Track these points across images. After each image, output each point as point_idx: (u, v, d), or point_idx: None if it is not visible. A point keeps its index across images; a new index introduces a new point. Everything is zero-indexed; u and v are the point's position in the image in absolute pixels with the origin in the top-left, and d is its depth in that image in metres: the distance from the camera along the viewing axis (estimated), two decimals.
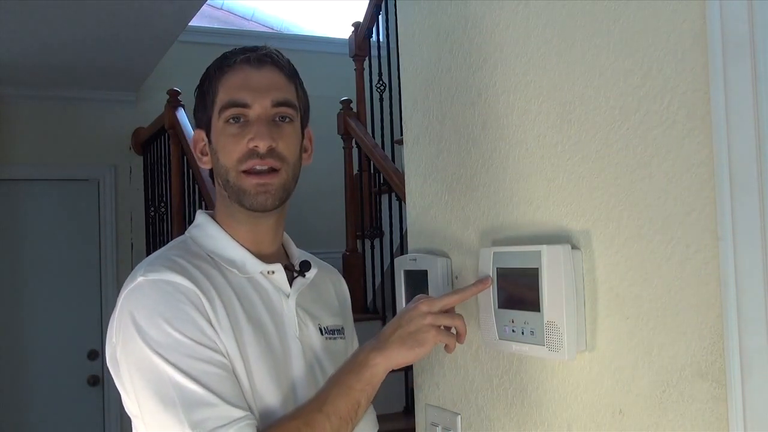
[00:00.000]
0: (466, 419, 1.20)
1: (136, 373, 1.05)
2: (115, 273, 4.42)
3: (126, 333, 1.06)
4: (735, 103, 0.73)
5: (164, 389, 1.01)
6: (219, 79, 1.16)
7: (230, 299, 1.11)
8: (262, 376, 1.09)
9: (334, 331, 1.25)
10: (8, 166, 4.24)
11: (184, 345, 1.03)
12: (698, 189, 0.80)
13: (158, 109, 4.00)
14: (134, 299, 1.07)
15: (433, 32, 1.28)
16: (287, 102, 1.16)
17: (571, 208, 0.98)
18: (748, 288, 0.73)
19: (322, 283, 1.30)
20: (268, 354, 1.11)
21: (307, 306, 1.22)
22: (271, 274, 1.18)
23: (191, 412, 1.00)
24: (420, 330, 1.04)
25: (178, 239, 1.22)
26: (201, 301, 1.07)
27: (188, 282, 1.07)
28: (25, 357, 4.24)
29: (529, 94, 1.05)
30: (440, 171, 1.26)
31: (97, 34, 3.39)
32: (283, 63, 1.19)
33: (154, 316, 1.04)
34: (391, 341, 1.04)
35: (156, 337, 1.03)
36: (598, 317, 0.94)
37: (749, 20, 0.72)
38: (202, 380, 1.02)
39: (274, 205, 1.15)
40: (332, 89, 3.95)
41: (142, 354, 1.03)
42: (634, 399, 0.89)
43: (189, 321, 1.05)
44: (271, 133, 1.13)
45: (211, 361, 1.04)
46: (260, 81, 1.15)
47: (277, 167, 1.14)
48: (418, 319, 1.04)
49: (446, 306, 1.06)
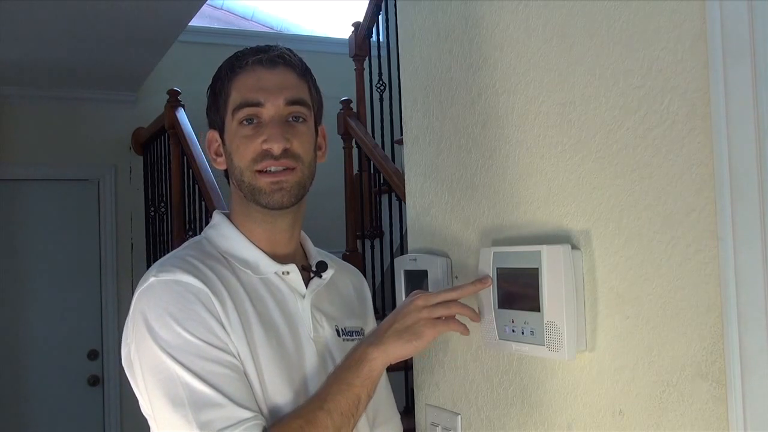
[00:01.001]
0: (466, 419, 1.20)
1: (147, 372, 1.06)
2: (115, 273, 4.42)
3: (138, 333, 1.07)
4: (735, 103, 0.73)
5: (174, 389, 1.02)
6: (231, 80, 1.16)
7: (242, 300, 1.11)
8: (273, 376, 1.09)
9: (352, 333, 1.24)
10: (8, 166, 4.24)
11: (194, 346, 1.04)
12: (698, 189, 0.80)
13: (158, 109, 4.00)
14: (146, 300, 1.08)
15: (433, 32, 1.28)
16: (300, 101, 1.16)
17: (571, 208, 0.98)
18: (748, 288, 0.73)
19: (341, 284, 1.30)
20: (280, 355, 1.11)
21: (323, 307, 1.21)
22: (285, 275, 1.18)
23: (199, 413, 1.00)
24: (417, 323, 1.04)
25: (194, 239, 1.23)
26: (212, 302, 1.07)
27: (200, 283, 1.08)
28: (26, 357, 4.23)
29: (529, 94, 1.05)
30: (440, 171, 1.26)
31: (97, 34, 3.39)
32: (296, 62, 1.19)
33: (164, 316, 1.05)
34: (388, 335, 1.05)
35: (166, 337, 1.04)
36: (598, 317, 0.94)
37: (749, 20, 0.72)
38: (211, 381, 1.02)
39: (290, 202, 1.15)
40: (332, 89, 3.91)
41: (153, 354, 1.04)
42: (634, 399, 0.89)
43: (199, 322, 1.05)
44: (284, 133, 1.13)
45: (220, 361, 1.04)
46: (273, 81, 1.14)
47: (293, 166, 1.14)
48: (414, 312, 1.05)
49: (443, 300, 1.06)
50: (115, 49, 3.64)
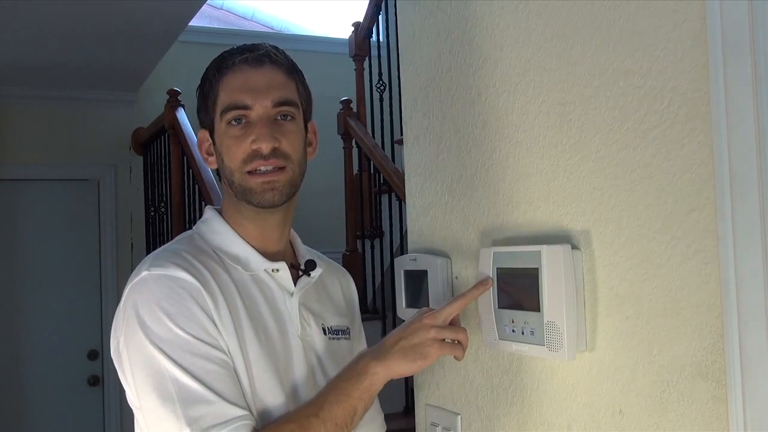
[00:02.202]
0: (466, 419, 1.20)
1: (136, 366, 1.06)
2: (115, 273, 4.41)
3: (129, 327, 1.07)
4: (735, 103, 0.73)
5: (163, 384, 1.02)
6: (219, 81, 1.17)
7: (233, 297, 1.11)
8: (262, 374, 1.10)
9: (338, 332, 1.25)
10: (8, 166, 4.24)
11: (185, 341, 1.04)
12: (698, 189, 0.80)
13: (158, 109, 4.00)
14: (138, 293, 1.08)
15: (433, 32, 1.28)
16: (288, 101, 1.16)
17: (571, 208, 0.98)
18: (748, 288, 0.73)
19: (329, 282, 1.30)
20: (268, 352, 1.12)
21: (311, 305, 1.22)
22: (275, 272, 1.18)
23: (189, 409, 1.00)
24: (423, 344, 1.03)
25: (186, 234, 1.23)
26: (204, 298, 1.07)
27: (192, 278, 1.08)
28: (26, 357, 4.23)
29: (529, 94, 1.05)
30: (440, 171, 1.26)
31: (97, 34, 3.39)
32: (282, 60, 1.19)
33: (156, 311, 1.05)
34: (393, 352, 1.04)
35: (157, 332, 1.04)
36: (598, 317, 0.94)
37: (749, 20, 0.72)
38: (202, 377, 1.02)
39: (281, 201, 1.16)
40: (332, 89, 3.95)
41: (144, 348, 1.04)
42: (634, 399, 0.89)
43: (191, 317, 1.05)
44: (272, 133, 1.13)
45: (211, 358, 1.04)
46: (260, 81, 1.15)
47: (282, 165, 1.14)
48: (422, 332, 1.04)
49: (450, 316, 1.06)
50: (115, 49, 3.64)
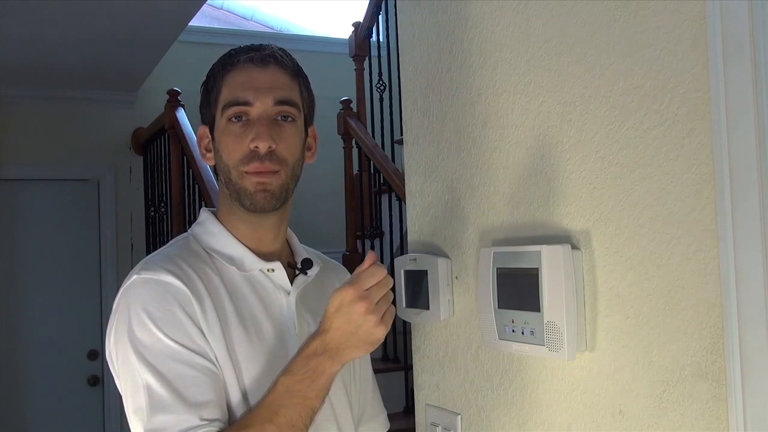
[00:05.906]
0: (466, 419, 1.20)
1: (120, 368, 1.08)
2: (115, 273, 4.41)
3: (118, 330, 1.09)
4: (735, 103, 0.73)
5: (137, 390, 1.04)
6: (223, 77, 1.17)
7: (221, 300, 1.12)
8: (253, 375, 1.10)
9: None
10: (8, 166, 4.24)
11: (166, 347, 1.05)
12: (698, 189, 0.80)
13: (158, 109, 3.99)
14: (127, 297, 1.10)
15: (433, 32, 1.28)
16: (289, 101, 1.17)
17: (571, 208, 0.98)
18: (748, 288, 0.73)
19: (328, 281, 1.30)
20: (261, 353, 1.12)
21: (309, 304, 1.22)
22: (271, 272, 1.19)
23: (153, 416, 1.02)
24: (371, 333, 1.03)
25: (180, 237, 1.23)
26: (191, 304, 1.08)
27: (180, 283, 1.09)
28: (25, 357, 4.23)
29: (529, 94, 1.05)
30: (440, 171, 1.26)
31: (97, 34, 3.39)
32: (287, 62, 1.19)
33: (142, 315, 1.06)
34: (346, 348, 1.04)
35: (140, 336, 1.05)
36: (598, 317, 0.94)
37: (749, 20, 0.72)
38: (175, 383, 1.03)
39: (273, 207, 1.16)
40: (332, 89, 3.94)
41: (126, 352, 1.06)
42: (634, 399, 0.89)
43: (176, 323, 1.06)
44: (271, 133, 1.13)
45: (191, 364, 1.05)
46: (263, 80, 1.15)
47: (276, 170, 1.14)
48: (365, 323, 1.03)
49: (373, 287, 1.04)
50: (115, 49, 3.63)
